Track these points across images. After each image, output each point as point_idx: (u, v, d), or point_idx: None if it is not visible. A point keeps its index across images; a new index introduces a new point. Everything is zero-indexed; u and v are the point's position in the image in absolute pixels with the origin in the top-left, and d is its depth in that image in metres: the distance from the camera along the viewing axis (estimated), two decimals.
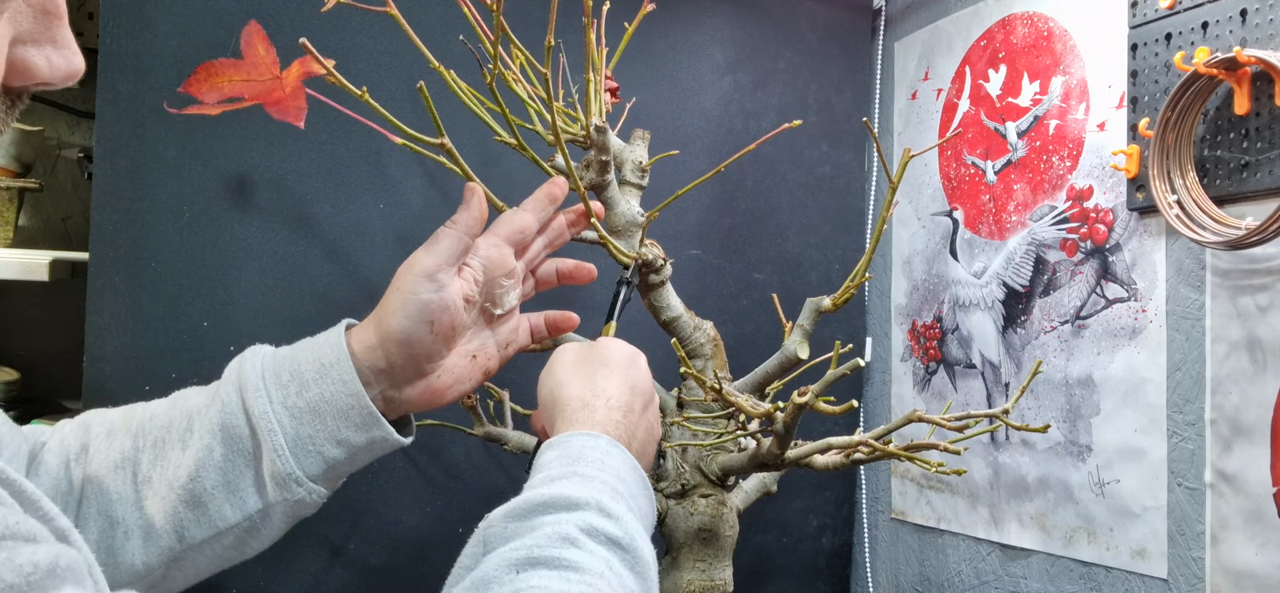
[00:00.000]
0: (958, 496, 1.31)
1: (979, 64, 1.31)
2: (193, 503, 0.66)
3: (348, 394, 0.68)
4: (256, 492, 0.68)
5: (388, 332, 0.69)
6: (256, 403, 0.67)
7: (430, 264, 0.70)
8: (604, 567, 0.54)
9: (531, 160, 0.87)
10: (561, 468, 0.61)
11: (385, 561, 1.14)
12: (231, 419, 0.68)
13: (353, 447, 0.69)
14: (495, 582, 0.51)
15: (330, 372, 0.68)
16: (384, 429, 0.69)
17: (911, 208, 1.41)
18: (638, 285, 0.89)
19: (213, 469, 0.67)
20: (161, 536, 0.66)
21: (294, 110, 0.81)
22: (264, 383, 0.68)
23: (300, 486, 0.68)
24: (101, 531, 0.66)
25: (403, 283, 0.70)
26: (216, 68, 0.81)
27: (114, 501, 0.66)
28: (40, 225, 1.56)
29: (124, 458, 0.68)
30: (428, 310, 0.69)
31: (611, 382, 0.70)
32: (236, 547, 0.70)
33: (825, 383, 0.75)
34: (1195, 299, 1.01)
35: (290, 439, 0.67)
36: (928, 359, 1.37)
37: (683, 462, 0.92)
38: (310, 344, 0.71)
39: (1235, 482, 0.96)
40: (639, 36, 0.92)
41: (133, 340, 1.04)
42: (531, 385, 0.76)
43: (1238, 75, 0.93)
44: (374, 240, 1.15)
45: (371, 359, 0.70)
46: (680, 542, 0.91)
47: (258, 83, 0.80)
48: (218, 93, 0.81)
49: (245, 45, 0.80)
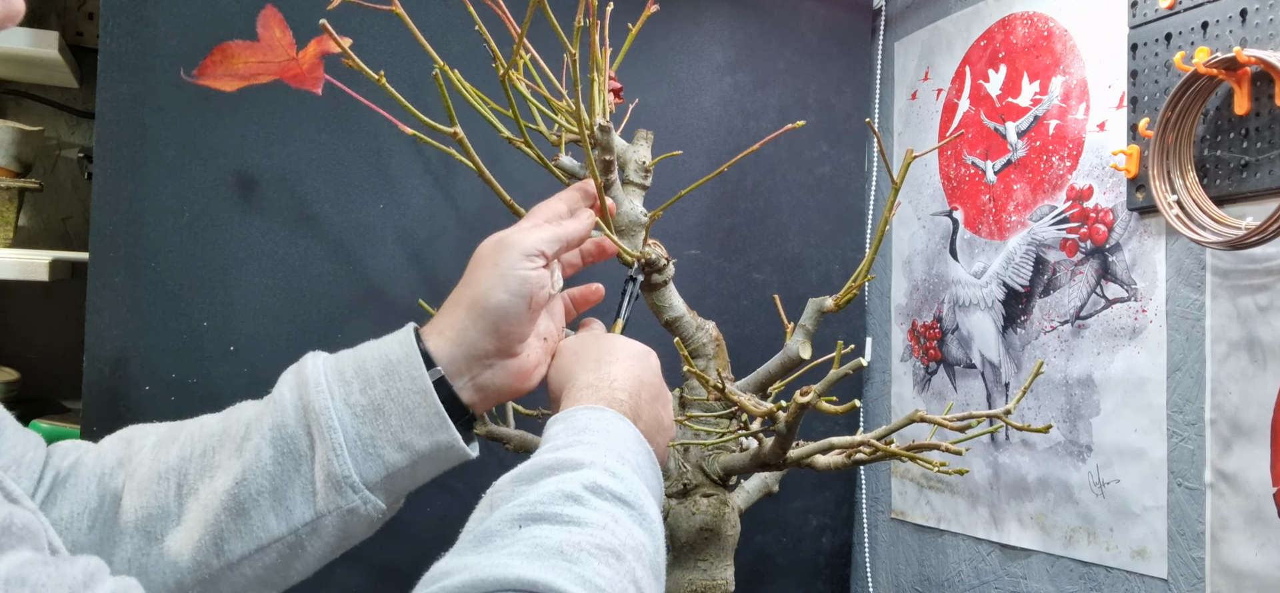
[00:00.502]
0: (958, 496, 1.31)
1: (979, 64, 1.31)
2: (235, 511, 0.62)
3: (415, 392, 0.65)
4: (306, 501, 0.63)
5: (486, 308, 0.68)
6: (317, 398, 0.64)
7: (533, 245, 0.70)
8: (608, 519, 0.53)
9: (537, 160, 0.87)
10: (567, 438, 0.61)
11: (386, 561, 1.14)
12: (285, 419, 0.64)
13: (416, 453, 0.65)
14: (497, 535, 0.50)
15: (398, 369, 0.65)
16: (450, 433, 0.66)
17: (911, 208, 1.41)
18: (642, 285, 0.90)
19: (260, 473, 0.63)
20: (198, 550, 0.62)
21: (311, 80, 0.80)
22: (325, 379, 0.65)
23: (356, 493, 0.63)
24: (136, 548, 0.62)
25: (502, 260, 0.69)
26: (232, 50, 0.79)
27: (153, 514, 0.63)
28: (40, 225, 1.55)
29: (169, 468, 0.64)
30: (527, 285, 0.69)
31: (617, 368, 0.70)
32: (278, 568, 0.65)
33: (827, 383, 0.75)
34: (1195, 299, 1.01)
35: (350, 439, 0.64)
36: (928, 359, 1.37)
37: (685, 461, 0.92)
38: (376, 343, 0.68)
39: (1235, 482, 0.96)
40: (640, 37, 0.92)
41: (133, 340, 1.04)
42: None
43: (1238, 75, 0.93)
44: (375, 240, 1.14)
45: (464, 340, 0.68)
46: (682, 541, 0.91)
47: (273, 63, 0.80)
48: (233, 77, 0.80)
49: (262, 28, 0.79)
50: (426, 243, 1.17)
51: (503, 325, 0.68)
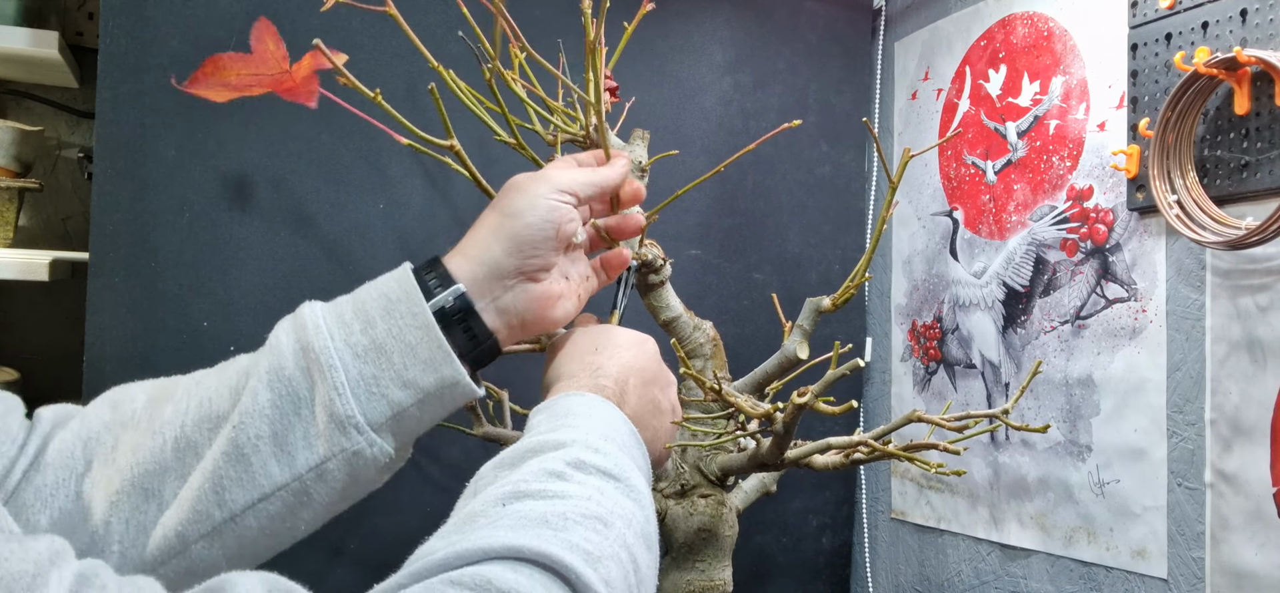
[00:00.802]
0: (958, 496, 1.31)
1: (979, 64, 1.31)
2: (235, 457, 0.60)
3: (417, 327, 0.63)
4: (308, 445, 0.61)
5: (513, 229, 0.67)
6: (316, 338, 0.62)
7: (568, 182, 0.70)
8: (594, 491, 0.53)
9: (532, 160, 0.87)
10: (550, 423, 0.60)
11: (386, 560, 1.14)
12: (283, 363, 0.62)
13: (421, 390, 0.63)
14: (481, 515, 0.50)
15: (397, 307, 0.64)
16: (454, 368, 0.63)
17: (911, 208, 1.41)
18: (636, 285, 0.90)
19: (258, 418, 0.60)
20: (198, 500, 0.59)
21: (305, 93, 0.80)
22: (325, 322, 0.63)
23: (361, 433, 0.61)
24: (133, 506, 0.60)
25: (534, 188, 0.69)
26: (223, 62, 0.79)
27: (150, 470, 0.60)
28: (40, 225, 1.56)
29: (164, 423, 0.62)
30: (557, 214, 0.68)
31: (602, 356, 0.70)
32: (284, 518, 0.62)
33: (825, 383, 0.75)
34: (1195, 299, 1.01)
35: (352, 379, 0.61)
36: (928, 359, 1.37)
37: (682, 462, 0.92)
38: (373, 284, 0.66)
39: (1235, 482, 0.96)
40: (639, 37, 0.92)
41: (133, 340, 1.04)
42: (530, 385, 0.76)
43: (1238, 75, 0.93)
44: (374, 240, 1.15)
45: (487, 257, 0.67)
46: (680, 542, 0.91)
47: (266, 77, 0.79)
48: (225, 88, 0.80)
49: (255, 41, 0.78)
50: (425, 243, 1.17)
51: (527, 247, 0.67)
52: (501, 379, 1.10)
